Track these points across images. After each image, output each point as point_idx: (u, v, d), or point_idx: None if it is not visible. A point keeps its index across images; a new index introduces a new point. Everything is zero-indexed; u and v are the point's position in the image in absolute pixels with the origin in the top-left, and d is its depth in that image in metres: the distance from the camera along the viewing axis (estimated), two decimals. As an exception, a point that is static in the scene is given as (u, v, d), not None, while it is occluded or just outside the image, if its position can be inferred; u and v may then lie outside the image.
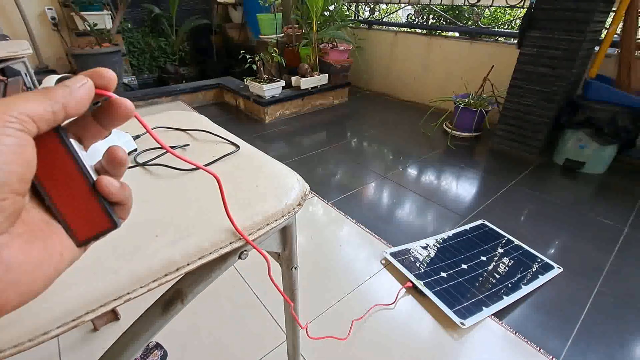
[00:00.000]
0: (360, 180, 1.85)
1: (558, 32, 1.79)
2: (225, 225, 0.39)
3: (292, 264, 0.56)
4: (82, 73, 0.19)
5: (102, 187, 0.20)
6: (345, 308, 1.07)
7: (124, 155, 0.21)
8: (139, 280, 0.34)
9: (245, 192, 0.46)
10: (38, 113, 0.16)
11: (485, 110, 2.23)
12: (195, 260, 0.37)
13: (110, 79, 0.20)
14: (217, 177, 0.34)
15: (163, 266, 0.35)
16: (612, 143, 1.80)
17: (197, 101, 3.16)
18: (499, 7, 2.58)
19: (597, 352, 0.96)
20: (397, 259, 1.24)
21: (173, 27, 3.83)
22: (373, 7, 3.50)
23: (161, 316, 0.38)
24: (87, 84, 0.19)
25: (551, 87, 1.89)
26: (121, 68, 3.19)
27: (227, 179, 0.49)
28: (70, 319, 0.31)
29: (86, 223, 0.20)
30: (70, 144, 0.19)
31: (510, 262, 1.24)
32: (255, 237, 0.41)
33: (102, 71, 0.20)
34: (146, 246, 0.36)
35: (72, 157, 0.19)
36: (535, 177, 1.88)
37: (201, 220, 0.40)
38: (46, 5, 3.19)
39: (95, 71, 0.20)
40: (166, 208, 0.43)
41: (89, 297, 0.32)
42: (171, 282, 0.37)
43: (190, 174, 0.50)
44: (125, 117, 0.21)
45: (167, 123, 0.69)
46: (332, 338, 0.96)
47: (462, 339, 0.98)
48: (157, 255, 0.36)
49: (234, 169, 0.52)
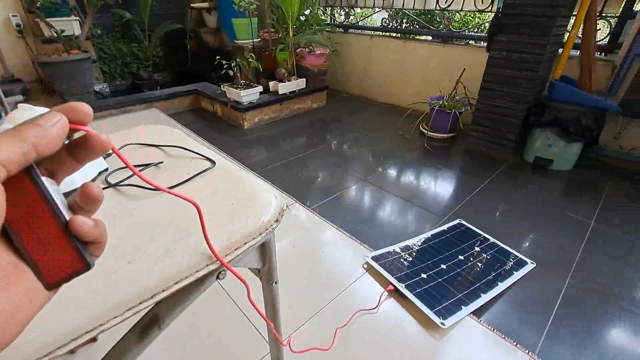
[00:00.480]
0: (340, 184, 1.87)
1: (524, 35, 1.87)
2: (201, 248, 0.39)
3: (272, 278, 0.56)
4: (55, 109, 0.19)
5: (75, 227, 0.19)
6: (329, 315, 1.08)
7: (99, 193, 0.21)
8: (113, 309, 0.33)
9: (221, 211, 0.46)
10: (8, 157, 0.16)
11: (459, 111, 2.30)
12: (171, 285, 0.36)
13: (85, 113, 0.19)
14: (196, 205, 0.34)
15: (137, 294, 0.35)
16: (578, 141, 1.90)
17: (172, 108, 3.09)
18: (469, 11, 2.67)
19: (570, 342, 1.01)
20: (379, 262, 1.26)
21: (145, 32, 3.73)
22: (348, 11, 3.54)
23: (138, 343, 0.38)
24: (60, 121, 0.18)
25: (519, 88, 1.97)
26: (92, 75, 3.08)
27: (202, 197, 0.49)
28: (43, 353, 0.30)
29: (58, 265, 0.19)
30: (41, 183, 0.18)
31: (486, 260, 1.29)
32: (232, 257, 0.41)
33: (77, 106, 0.19)
34: (119, 273, 0.36)
35: (43, 197, 0.18)
36: (508, 175, 1.95)
37: (176, 244, 0.40)
38: (10, 11, 3.04)
39: (70, 106, 0.19)
40: (140, 231, 0.42)
41: (61, 331, 0.31)
42: (147, 309, 0.37)
43: (164, 193, 0.50)
44: (101, 152, 0.20)
45: (141, 138, 0.67)
46: (317, 350, 0.96)
47: (444, 339, 1.00)
48: (131, 282, 0.35)
49: (209, 186, 0.52)
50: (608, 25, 2.13)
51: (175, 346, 0.95)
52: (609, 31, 2.11)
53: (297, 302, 1.12)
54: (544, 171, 2.00)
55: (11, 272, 0.18)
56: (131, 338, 0.39)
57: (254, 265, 0.52)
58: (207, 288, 0.42)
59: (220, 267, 0.40)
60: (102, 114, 2.74)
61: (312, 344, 0.97)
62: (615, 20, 2.07)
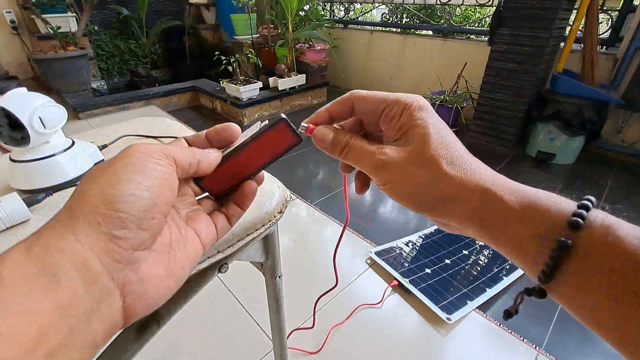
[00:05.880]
0: (342, 180, 1.85)
1: (525, 29, 1.85)
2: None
3: (276, 272, 0.54)
4: (208, 131, 0.26)
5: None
6: (332, 310, 1.06)
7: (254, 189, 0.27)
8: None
9: (223, 201, 0.44)
10: (180, 159, 0.21)
11: (460, 106, 2.29)
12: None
13: (233, 132, 0.26)
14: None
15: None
16: (580, 134, 1.88)
17: (171, 105, 3.06)
18: (470, 5, 2.65)
19: (576, 336, 0.99)
20: (382, 257, 1.24)
21: (143, 29, 3.70)
22: (347, 6, 3.51)
23: (135, 341, 0.36)
24: (216, 154, 0.24)
25: (521, 82, 1.95)
26: (89, 72, 3.05)
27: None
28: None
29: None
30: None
31: (490, 254, 1.27)
32: (235, 249, 0.40)
33: (229, 125, 0.26)
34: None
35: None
36: (510, 169, 1.94)
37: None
38: (4, 7, 3.00)
39: (222, 126, 0.26)
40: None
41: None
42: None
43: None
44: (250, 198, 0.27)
45: (138, 130, 0.65)
46: (319, 346, 0.95)
47: (449, 334, 0.99)
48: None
49: (210, 177, 0.50)
50: (609, 19, 2.11)
51: (175, 343, 0.93)
52: (610, 25, 2.09)
53: (300, 298, 1.10)
54: (546, 165, 1.98)
55: (171, 244, 0.21)
56: (129, 336, 0.37)
57: (257, 259, 0.50)
58: (208, 282, 0.40)
59: (223, 259, 0.39)
60: (100, 112, 2.71)
61: (316, 340, 0.96)
62: (616, 14, 2.05)
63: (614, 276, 0.16)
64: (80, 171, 0.49)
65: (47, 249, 0.16)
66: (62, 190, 0.45)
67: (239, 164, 0.25)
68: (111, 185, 0.18)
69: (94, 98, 2.88)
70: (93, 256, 0.16)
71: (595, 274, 0.17)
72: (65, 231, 0.17)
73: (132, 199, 0.18)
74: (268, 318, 0.64)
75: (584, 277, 0.17)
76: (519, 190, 0.21)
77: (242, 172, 0.26)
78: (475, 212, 0.21)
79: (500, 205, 0.20)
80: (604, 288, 0.17)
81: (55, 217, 0.18)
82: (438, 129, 0.23)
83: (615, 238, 0.17)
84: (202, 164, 0.23)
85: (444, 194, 0.22)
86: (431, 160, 0.22)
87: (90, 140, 0.56)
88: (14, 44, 3.16)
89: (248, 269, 0.48)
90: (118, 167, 0.18)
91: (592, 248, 0.17)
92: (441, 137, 0.23)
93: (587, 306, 0.18)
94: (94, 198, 0.17)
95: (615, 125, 2.04)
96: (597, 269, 0.17)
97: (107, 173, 0.18)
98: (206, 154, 0.23)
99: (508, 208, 0.20)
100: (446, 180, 0.22)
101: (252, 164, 0.26)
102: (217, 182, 0.25)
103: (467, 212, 0.22)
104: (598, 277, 0.17)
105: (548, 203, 0.19)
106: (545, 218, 0.19)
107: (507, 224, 0.20)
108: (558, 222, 0.19)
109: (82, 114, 2.64)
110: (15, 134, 0.43)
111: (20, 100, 0.43)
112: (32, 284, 0.15)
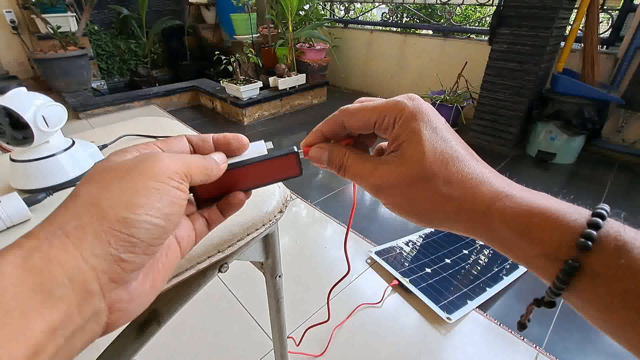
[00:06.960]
0: (342, 179, 1.85)
1: (526, 28, 1.85)
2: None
3: (276, 272, 0.54)
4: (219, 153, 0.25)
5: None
6: (332, 310, 1.06)
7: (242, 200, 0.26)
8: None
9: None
10: (195, 179, 0.21)
11: (460, 105, 2.28)
12: (171, 278, 0.34)
13: (240, 144, 0.25)
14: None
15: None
16: (580, 134, 1.88)
17: (171, 104, 3.07)
18: (470, 5, 2.64)
19: (576, 336, 0.99)
20: (382, 257, 1.24)
21: (143, 29, 3.70)
22: (348, 6, 3.51)
23: (135, 340, 0.36)
24: (224, 167, 0.24)
25: (521, 81, 1.95)
26: (89, 72, 3.05)
27: (203, 188, 0.46)
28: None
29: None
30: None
31: (490, 254, 1.27)
32: (235, 248, 0.40)
33: (237, 137, 0.25)
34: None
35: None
36: (510, 169, 1.94)
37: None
38: (4, 7, 3.00)
39: (231, 137, 0.25)
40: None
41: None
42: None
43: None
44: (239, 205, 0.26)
45: (138, 130, 0.65)
46: (320, 345, 0.95)
47: (449, 334, 0.99)
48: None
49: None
50: (610, 18, 2.10)
51: (175, 343, 0.93)
52: (610, 24, 2.09)
53: (300, 297, 1.10)
54: (547, 165, 1.98)
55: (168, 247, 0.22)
56: (129, 334, 0.37)
57: (257, 258, 0.50)
58: (208, 281, 0.40)
59: (223, 259, 0.39)
60: (100, 111, 2.71)
61: (316, 340, 0.96)
62: (616, 13, 2.05)
63: (630, 296, 0.16)
64: (80, 171, 0.49)
65: (47, 262, 0.15)
66: (62, 190, 0.45)
67: (240, 178, 0.25)
68: (132, 207, 0.17)
69: (94, 98, 2.88)
70: (93, 277, 0.16)
71: (607, 294, 0.16)
72: (69, 243, 0.16)
73: (149, 226, 0.17)
74: (268, 318, 0.64)
75: (595, 295, 0.17)
76: (524, 204, 0.20)
77: (238, 186, 0.26)
78: (479, 229, 0.21)
79: (503, 226, 0.20)
80: (616, 309, 0.16)
81: (59, 221, 0.17)
82: (433, 142, 0.21)
83: (629, 259, 0.16)
84: (209, 180, 0.22)
85: (445, 214, 0.22)
86: (427, 180, 0.21)
87: (91, 140, 0.56)
88: (14, 43, 3.16)
89: (248, 269, 0.48)
90: (139, 186, 0.18)
91: (602, 268, 0.16)
92: (435, 151, 0.21)
93: (600, 319, 0.17)
94: (112, 215, 0.17)
95: (616, 125, 2.04)
96: (609, 290, 0.16)
97: (125, 187, 0.17)
98: (215, 168, 0.23)
99: (512, 227, 0.19)
100: (444, 201, 0.21)
101: (250, 181, 0.26)
102: (210, 189, 0.25)
103: (472, 229, 0.21)
104: (610, 297, 0.16)
105: (557, 217, 0.18)
106: (553, 237, 0.18)
107: (513, 244, 0.20)
108: (566, 242, 0.17)
109: (82, 114, 2.64)
110: (17, 133, 0.43)
111: (22, 99, 0.43)
112: (27, 303, 0.14)
